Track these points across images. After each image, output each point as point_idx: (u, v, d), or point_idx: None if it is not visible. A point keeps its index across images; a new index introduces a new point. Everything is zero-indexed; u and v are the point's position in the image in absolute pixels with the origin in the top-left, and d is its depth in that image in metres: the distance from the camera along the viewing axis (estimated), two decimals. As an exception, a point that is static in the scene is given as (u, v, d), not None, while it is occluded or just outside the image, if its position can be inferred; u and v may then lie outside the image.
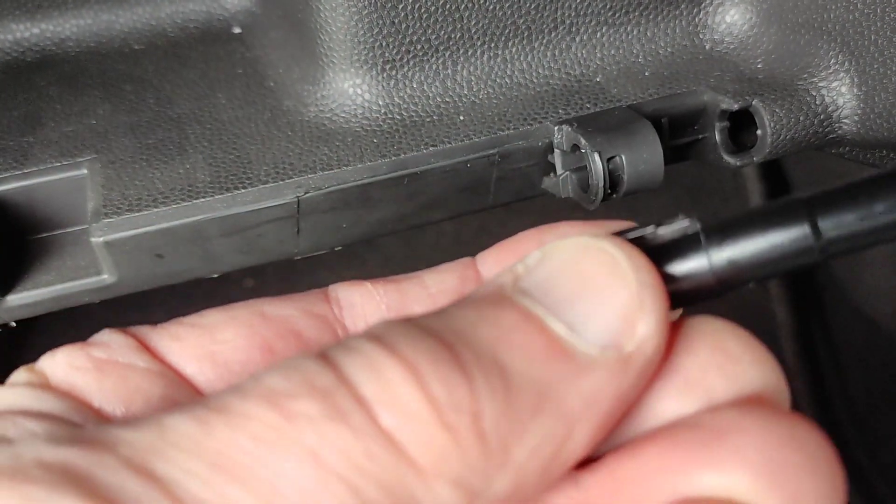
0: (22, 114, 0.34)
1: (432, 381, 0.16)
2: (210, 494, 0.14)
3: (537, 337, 0.17)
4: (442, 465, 0.15)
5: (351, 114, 0.34)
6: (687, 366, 0.19)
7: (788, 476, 0.16)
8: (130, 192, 0.30)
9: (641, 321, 0.18)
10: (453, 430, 0.15)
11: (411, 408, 0.15)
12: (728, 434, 0.17)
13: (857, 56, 0.32)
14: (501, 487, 0.16)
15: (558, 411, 0.16)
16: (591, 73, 0.35)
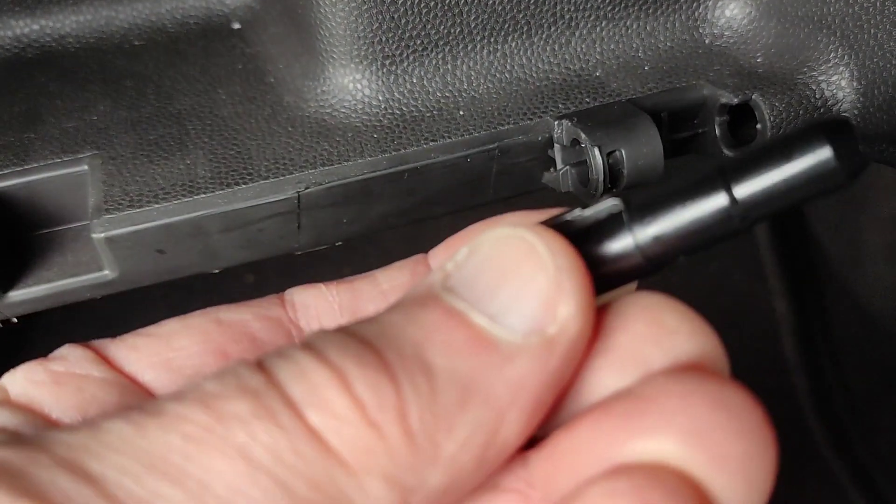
0: (22, 110, 0.34)
1: (357, 384, 0.16)
2: (142, 491, 0.15)
3: (460, 332, 0.18)
4: (370, 463, 0.16)
5: (351, 109, 0.34)
6: (623, 341, 0.19)
7: (715, 438, 0.17)
8: (131, 188, 0.31)
9: (562, 304, 0.18)
10: (379, 429, 0.16)
11: (337, 409, 0.16)
12: (656, 400, 0.17)
13: (857, 50, 0.32)
14: (436, 482, 0.17)
15: (486, 402, 0.17)
16: (590, 67, 0.35)
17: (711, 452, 0.17)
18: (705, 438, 0.17)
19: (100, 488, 0.15)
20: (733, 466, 0.17)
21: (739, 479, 0.17)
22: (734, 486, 0.17)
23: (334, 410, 0.16)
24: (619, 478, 0.17)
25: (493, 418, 0.17)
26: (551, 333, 0.18)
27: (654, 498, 0.16)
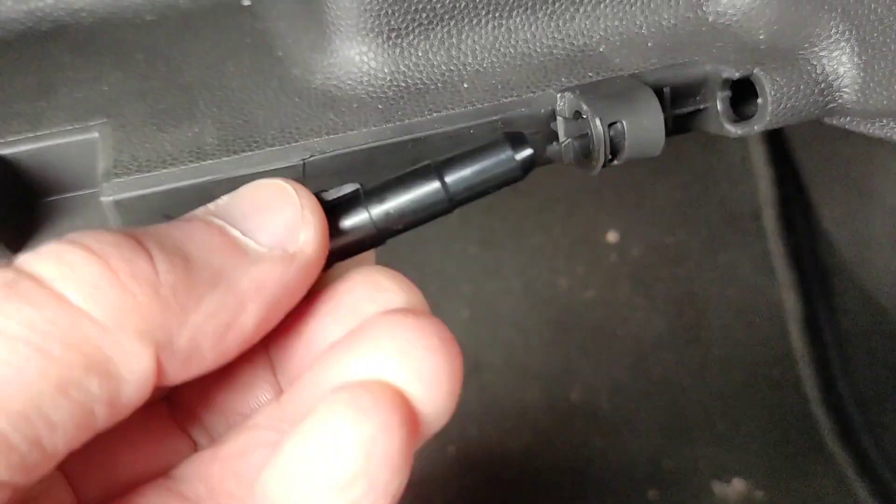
0: (36, 80, 0.35)
1: (113, 259, 0.20)
2: None
3: (217, 236, 0.22)
4: (124, 321, 0.19)
5: (357, 81, 0.34)
6: (347, 301, 0.25)
7: (412, 355, 0.22)
8: (140, 154, 0.31)
9: (303, 231, 0.23)
10: (132, 293, 0.19)
11: (90, 279, 0.19)
12: (368, 332, 0.23)
13: (858, 25, 0.32)
14: (183, 343, 0.20)
15: (231, 289, 0.21)
16: (594, 43, 0.36)
17: (409, 366, 0.22)
18: (404, 356, 0.22)
19: None
20: (427, 376, 0.22)
21: (433, 385, 0.22)
22: (429, 391, 0.22)
23: (87, 280, 0.19)
24: (339, 392, 0.22)
25: (236, 303, 0.22)
26: (291, 250, 0.23)
27: (366, 403, 0.21)
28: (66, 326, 0.19)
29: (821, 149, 0.76)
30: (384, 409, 0.21)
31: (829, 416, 0.84)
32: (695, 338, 0.86)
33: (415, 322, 0.23)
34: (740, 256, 0.87)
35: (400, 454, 0.21)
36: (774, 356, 0.86)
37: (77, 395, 0.19)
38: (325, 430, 0.21)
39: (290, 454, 0.22)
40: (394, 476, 0.21)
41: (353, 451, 0.21)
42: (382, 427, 0.21)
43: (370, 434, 0.21)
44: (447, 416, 0.22)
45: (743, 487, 0.82)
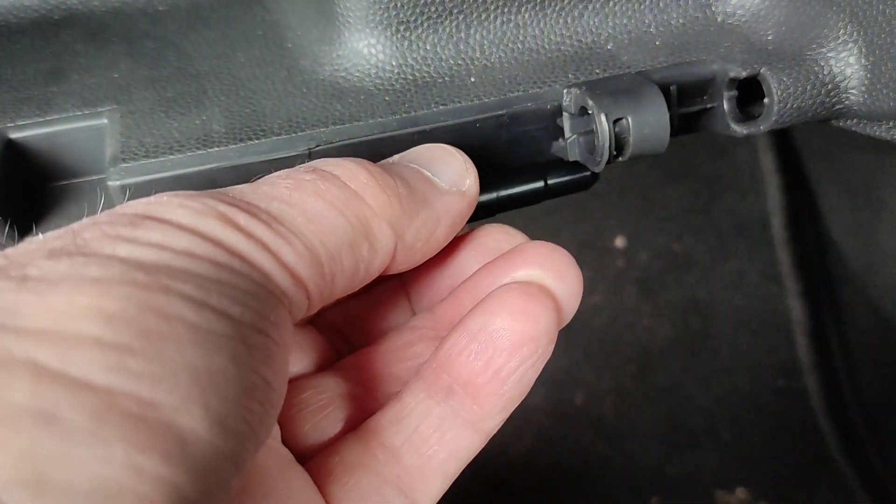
0: (47, 66, 0.35)
1: (374, 172, 0.27)
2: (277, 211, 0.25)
3: (420, 175, 0.29)
4: (383, 210, 0.27)
5: (365, 73, 0.34)
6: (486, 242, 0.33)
7: (553, 264, 0.30)
8: (148, 140, 0.31)
9: (468, 177, 0.30)
10: (386, 194, 0.27)
11: (363, 181, 0.27)
12: (520, 252, 0.30)
13: (865, 26, 0.32)
14: (409, 237, 0.28)
15: (433, 207, 0.29)
16: (602, 40, 0.36)
17: (552, 271, 0.30)
18: (548, 265, 0.30)
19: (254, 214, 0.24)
20: (566, 279, 0.30)
21: (570, 286, 0.30)
22: (567, 290, 0.30)
23: (361, 181, 0.27)
24: (510, 284, 0.29)
25: (435, 218, 0.29)
26: (463, 189, 0.30)
27: (533, 290, 0.29)
28: (354, 204, 0.26)
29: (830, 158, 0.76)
30: (546, 295, 0.29)
31: (835, 427, 0.84)
32: (701, 345, 0.86)
33: (551, 245, 0.30)
34: (748, 264, 0.87)
35: (554, 328, 0.29)
36: (780, 365, 0.86)
37: (356, 252, 0.26)
38: (505, 305, 0.28)
39: (473, 323, 0.29)
40: (549, 345, 0.29)
41: (527, 321, 0.28)
42: (546, 306, 0.29)
43: (540, 309, 0.28)
44: (574, 310, 0.30)
45: (746, 497, 0.82)
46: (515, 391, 0.29)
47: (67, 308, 0.19)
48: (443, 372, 0.30)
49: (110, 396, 0.18)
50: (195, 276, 0.21)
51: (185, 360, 0.20)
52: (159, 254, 0.21)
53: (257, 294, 0.22)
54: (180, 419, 0.19)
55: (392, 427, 0.30)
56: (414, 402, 0.30)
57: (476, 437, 0.30)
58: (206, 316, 0.21)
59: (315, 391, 0.32)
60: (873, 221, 0.73)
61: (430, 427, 0.30)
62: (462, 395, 0.29)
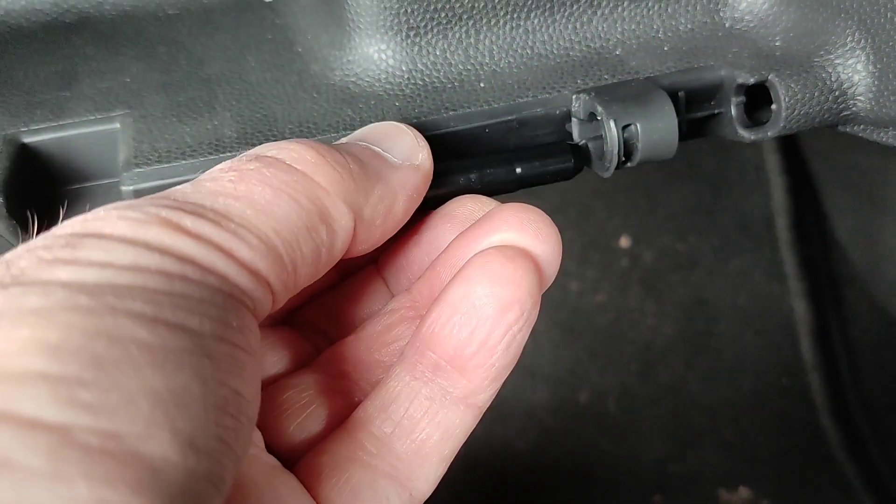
0: (59, 70, 0.36)
1: (321, 150, 0.26)
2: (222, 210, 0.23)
3: (370, 151, 0.29)
4: (336, 188, 0.26)
5: (375, 78, 0.34)
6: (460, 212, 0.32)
7: (530, 225, 0.28)
8: (160, 145, 0.32)
9: (421, 151, 0.30)
10: (338, 172, 0.26)
11: (311, 160, 0.26)
12: (495, 216, 0.29)
13: (873, 34, 0.32)
14: (368, 213, 0.27)
15: (388, 182, 0.28)
16: (610, 46, 0.36)
17: (528, 232, 0.28)
18: (523, 226, 0.28)
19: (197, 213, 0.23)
20: (544, 239, 0.28)
21: (548, 245, 0.28)
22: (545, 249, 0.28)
23: (310, 162, 0.26)
24: (488, 250, 0.28)
25: (391, 192, 0.28)
26: (416, 163, 0.30)
27: (512, 253, 0.28)
28: (305, 186, 0.25)
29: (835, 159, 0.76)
30: (526, 257, 0.28)
31: (838, 427, 0.84)
32: (704, 344, 0.86)
33: (524, 206, 0.29)
34: (752, 264, 0.87)
35: (537, 291, 0.28)
36: (784, 365, 0.86)
37: (314, 236, 0.25)
38: (484, 271, 0.27)
39: (454, 294, 0.28)
40: (533, 309, 0.28)
41: (509, 285, 0.27)
42: (527, 268, 0.27)
43: (521, 271, 0.27)
44: (555, 271, 0.29)
45: (749, 495, 0.82)
46: (504, 360, 0.28)
47: (6, 344, 0.18)
48: (427, 349, 0.29)
49: (65, 433, 0.17)
50: (144, 291, 0.20)
51: (143, 384, 0.19)
52: (102, 272, 0.20)
53: (215, 300, 0.22)
54: (147, 447, 0.18)
55: (380, 415, 0.29)
56: (400, 385, 0.29)
57: (469, 413, 0.29)
58: (161, 332, 0.20)
59: (295, 391, 0.31)
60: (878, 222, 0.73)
61: (419, 409, 0.29)
62: (450, 370, 0.28)
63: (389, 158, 0.29)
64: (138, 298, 0.20)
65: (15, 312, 0.19)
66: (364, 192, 0.27)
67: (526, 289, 0.27)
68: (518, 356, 0.28)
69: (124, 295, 0.20)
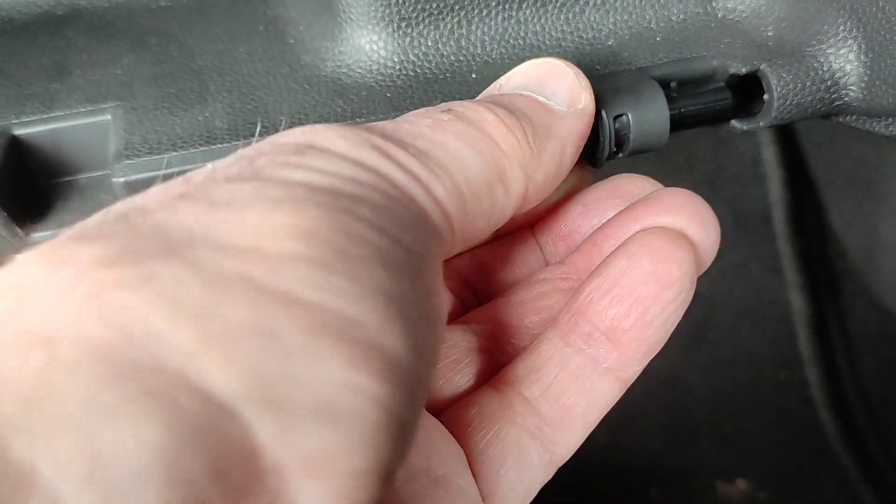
0: (51, 62, 0.35)
1: (500, 114, 0.26)
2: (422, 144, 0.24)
3: (534, 103, 0.28)
4: (515, 153, 0.26)
5: (366, 69, 0.34)
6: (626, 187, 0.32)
7: (693, 212, 0.29)
8: (151, 137, 0.32)
9: (584, 92, 0.29)
10: (516, 136, 0.26)
11: (493, 124, 0.26)
12: (661, 197, 0.30)
13: (865, 23, 0.32)
14: (539, 177, 0.27)
15: (557, 137, 0.28)
16: (603, 36, 0.36)
17: (693, 218, 0.29)
18: (688, 211, 0.29)
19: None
20: (705, 226, 0.29)
21: (709, 233, 0.29)
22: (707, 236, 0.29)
23: (494, 124, 0.26)
24: (653, 229, 0.29)
25: (561, 146, 0.28)
26: (580, 107, 0.29)
27: (675, 235, 0.28)
28: (489, 146, 0.25)
29: (832, 151, 0.76)
30: (688, 241, 0.28)
31: (835, 419, 0.84)
32: (701, 337, 0.86)
33: (690, 193, 0.30)
34: (749, 257, 0.87)
35: (694, 274, 0.28)
36: (781, 357, 0.86)
37: (493, 194, 0.25)
38: (648, 248, 0.28)
39: (615, 267, 0.28)
40: (690, 290, 0.28)
41: (671, 264, 0.28)
42: (689, 250, 0.28)
43: (683, 253, 0.28)
44: (710, 260, 0.29)
45: (746, 488, 0.82)
46: (658, 336, 0.29)
47: (266, 226, 0.19)
48: (582, 318, 0.29)
49: (322, 314, 0.18)
50: (368, 202, 0.21)
51: (378, 282, 0.19)
52: (331, 180, 0.21)
53: (418, 225, 0.22)
54: (384, 339, 0.19)
55: (529, 377, 0.29)
56: (552, 350, 0.30)
57: (616, 386, 0.29)
58: (386, 241, 0.20)
59: (447, 346, 0.31)
60: (874, 214, 0.73)
61: (569, 376, 0.29)
62: (603, 341, 0.29)
63: (555, 107, 0.29)
64: (365, 206, 0.21)
65: (266, 200, 0.20)
66: (538, 157, 0.27)
67: (686, 270, 0.28)
68: (669, 335, 0.29)
69: (353, 201, 0.21)
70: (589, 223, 0.33)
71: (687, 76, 0.34)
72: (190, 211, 0.19)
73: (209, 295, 0.17)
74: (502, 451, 0.29)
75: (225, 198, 0.20)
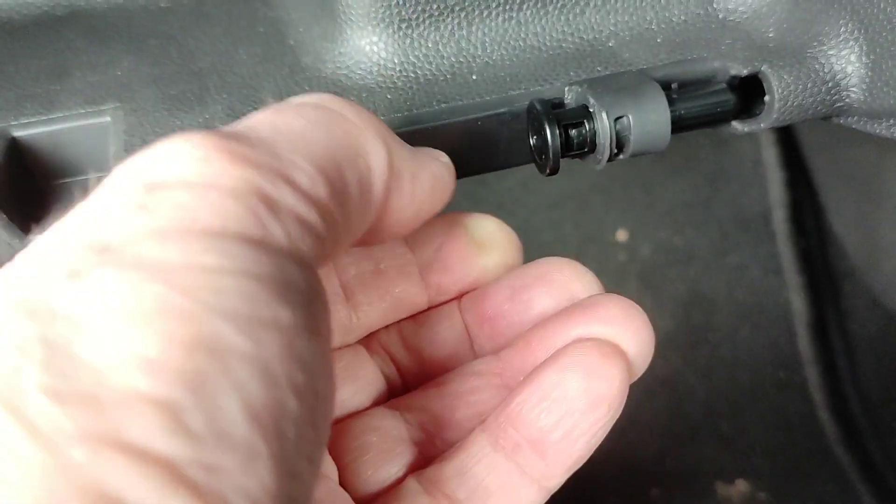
0: (50, 64, 0.35)
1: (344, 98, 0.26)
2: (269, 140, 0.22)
3: None
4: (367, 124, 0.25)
5: (367, 71, 0.34)
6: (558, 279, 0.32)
7: (631, 324, 0.29)
8: (151, 139, 0.32)
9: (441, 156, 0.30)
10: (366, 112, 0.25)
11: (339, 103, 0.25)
12: (598, 305, 0.30)
13: (867, 24, 0.32)
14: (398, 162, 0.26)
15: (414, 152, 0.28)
16: (603, 38, 0.36)
17: (629, 331, 0.29)
18: (624, 323, 0.29)
19: None
20: (640, 339, 0.29)
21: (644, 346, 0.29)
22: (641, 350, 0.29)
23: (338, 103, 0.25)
24: (587, 341, 0.29)
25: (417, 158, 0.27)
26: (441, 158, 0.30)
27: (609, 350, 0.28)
28: (338, 120, 0.24)
29: (832, 152, 0.76)
30: (621, 356, 0.29)
31: (835, 421, 0.84)
32: (702, 338, 0.86)
33: (628, 302, 0.30)
34: (749, 258, 0.87)
35: (625, 390, 0.28)
36: (781, 359, 0.86)
37: (354, 167, 0.24)
38: (580, 364, 0.28)
39: (547, 380, 0.29)
40: (619, 406, 0.29)
41: (603, 382, 0.28)
42: (621, 367, 0.28)
43: (615, 370, 0.28)
44: (641, 372, 0.30)
45: (746, 488, 0.82)
46: (584, 451, 0.29)
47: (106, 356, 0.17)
48: (510, 427, 0.29)
49: (174, 467, 0.16)
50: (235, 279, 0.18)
51: (242, 406, 0.17)
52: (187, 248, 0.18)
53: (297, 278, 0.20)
54: (248, 480, 0.17)
55: (456, 479, 0.29)
56: (480, 454, 0.30)
57: (539, 495, 0.30)
58: (257, 336, 0.18)
59: (377, 435, 0.31)
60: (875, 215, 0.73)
61: (495, 482, 0.29)
62: (529, 451, 0.29)
63: None
64: (231, 292, 0.18)
65: (108, 314, 0.17)
66: (393, 139, 0.26)
67: (618, 387, 0.28)
68: (595, 448, 0.30)
69: (216, 288, 0.18)
70: (514, 309, 0.33)
71: (688, 77, 0.34)
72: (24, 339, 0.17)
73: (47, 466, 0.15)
74: None
75: (65, 312, 0.17)
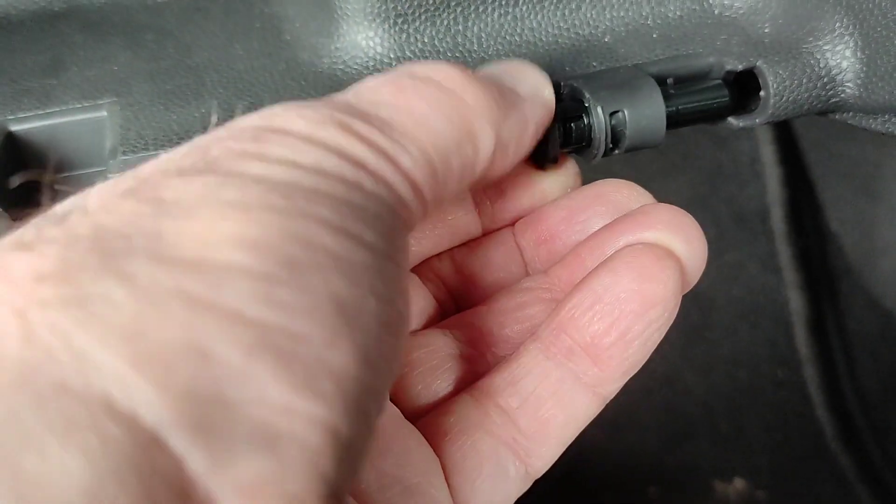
0: (47, 58, 0.35)
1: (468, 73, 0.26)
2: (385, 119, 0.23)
3: (505, 87, 0.27)
4: (482, 107, 0.25)
5: (363, 66, 0.34)
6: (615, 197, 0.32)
7: (682, 228, 0.29)
8: (147, 133, 0.32)
9: (546, 88, 0.29)
10: (484, 92, 0.25)
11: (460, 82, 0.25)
12: (649, 212, 0.30)
13: (861, 20, 0.32)
14: (505, 135, 0.26)
15: (522, 110, 0.27)
16: (599, 33, 0.36)
17: (680, 235, 0.28)
18: (675, 228, 0.29)
19: None
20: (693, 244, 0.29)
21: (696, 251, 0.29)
22: (694, 255, 0.29)
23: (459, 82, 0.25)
24: (636, 246, 0.29)
25: (523, 119, 0.27)
26: (544, 96, 0.29)
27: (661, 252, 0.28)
28: (456, 104, 0.25)
29: (830, 150, 0.76)
30: (674, 259, 0.28)
31: (833, 419, 0.84)
32: (700, 336, 0.86)
33: (678, 209, 0.30)
34: (747, 256, 0.87)
35: (679, 292, 0.28)
36: (779, 357, 0.86)
37: (461, 153, 0.24)
38: (633, 266, 0.28)
39: (599, 283, 0.28)
40: (674, 309, 0.28)
41: (656, 283, 0.28)
42: (674, 269, 0.28)
43: (669, 271, 0.28)
44: (697, 278, 0.29)
45: (744, 487, 0.82)
46: (639, 355, 0.28)
47: (211, 235, 0.18)
48: (563, 333, 0.29)
49: (262, 330, 0.17)
50: (329, 198, 0.20)
51: (329, 291, 0.18)
52: (289, 172, 0.20)
53: (384, 216, 0.21)
54: (331, 355, 0.18)
55: (508, 388, 0.29)
56: (532, 362, 0.29)
57: (594, 401, 0.29)
58: (345, 243, 0.19)
59: (426, 351, 0.31)
60: (872, 213, 0.73)
61: (547, 389, 0.29)
62: (583, 357, 0.28)
63: (520, 90, 0.29)
64: (324, 205, 0.20)
65: (215, 203, 0.19)
66: (504, 115, 0.26)
67: (671, 289, 0.28)
68: (651, 353, 0.29)
69: (312, 199, 0.20)
70: (571, 229, 0.32)
71: (684, 73, 0.34)
72: (132, 214, 0.18)
73: (142, 313, 0.16)
74: (478, 462, 0.28)
75: (172, 197, 0.19)
